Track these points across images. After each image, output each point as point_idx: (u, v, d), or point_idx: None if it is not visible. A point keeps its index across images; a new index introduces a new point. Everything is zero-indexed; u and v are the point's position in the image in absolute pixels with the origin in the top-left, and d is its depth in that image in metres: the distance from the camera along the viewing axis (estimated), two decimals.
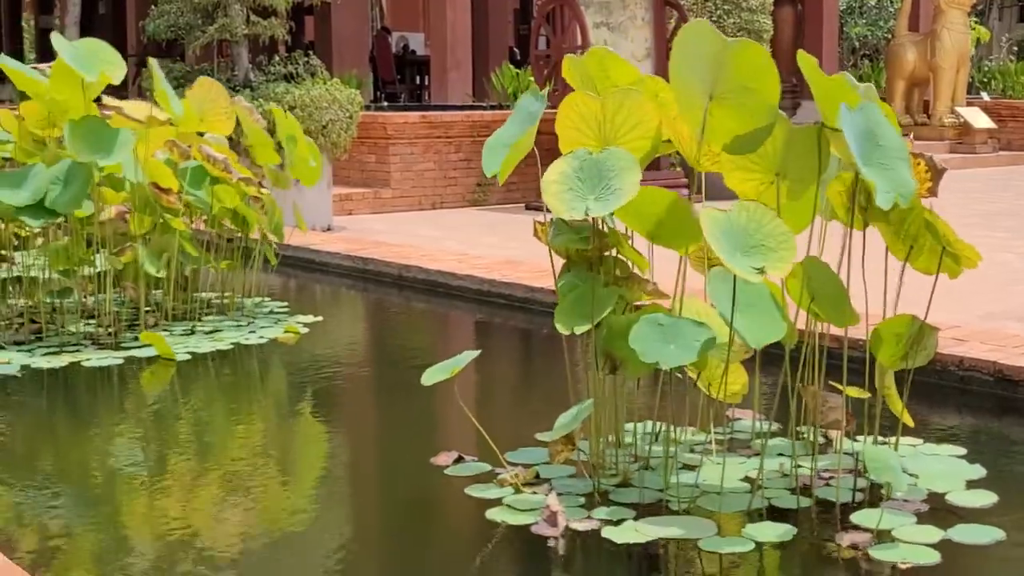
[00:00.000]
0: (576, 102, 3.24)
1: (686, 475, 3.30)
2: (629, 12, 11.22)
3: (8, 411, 4.38)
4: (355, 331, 6.28)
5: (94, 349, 5.11)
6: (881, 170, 2.99)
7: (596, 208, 3.03)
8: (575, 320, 3.18)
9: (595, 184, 3.07)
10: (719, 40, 3.04)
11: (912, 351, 3.26)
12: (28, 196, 5.01)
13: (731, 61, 3.04)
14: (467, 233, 8.91)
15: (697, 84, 3.10)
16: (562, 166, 3.13)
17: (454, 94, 13.50)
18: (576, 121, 3.24)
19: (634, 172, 3.06)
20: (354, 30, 14.54)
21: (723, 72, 3.06)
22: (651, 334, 3.01)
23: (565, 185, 3.09)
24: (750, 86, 3.05)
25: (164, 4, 9.51)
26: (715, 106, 3.10)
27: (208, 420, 4.38)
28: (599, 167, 3.09)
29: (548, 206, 3.10)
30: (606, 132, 3.22)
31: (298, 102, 9.03)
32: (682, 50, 3.13)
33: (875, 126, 3.03)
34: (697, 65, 3.08)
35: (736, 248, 2.93)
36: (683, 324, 3.04)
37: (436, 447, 3.66)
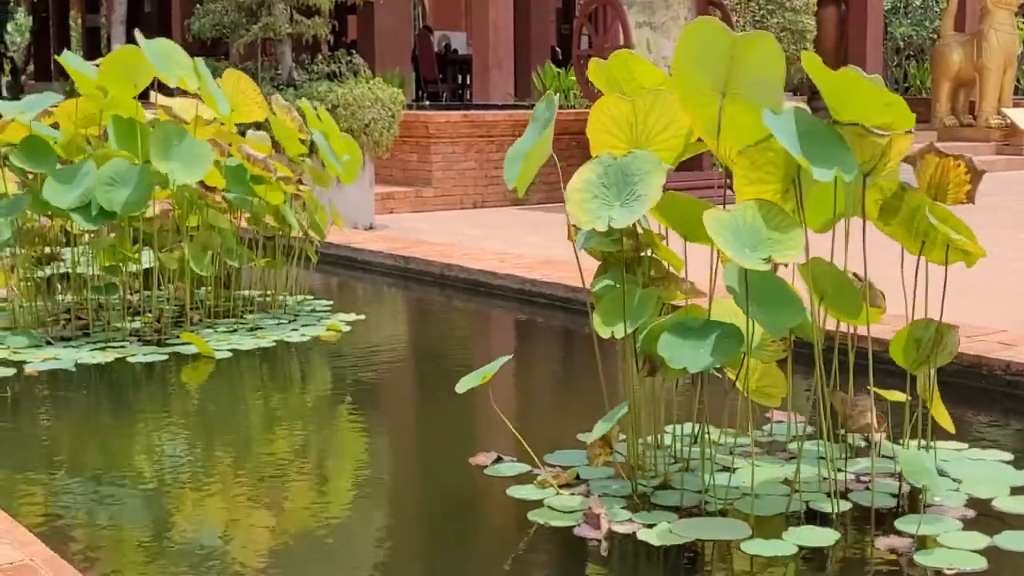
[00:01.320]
0: (607, 105, 3.23)
1: (725, 477, 3.29)
2: (672, 12, 11.18)
3: (56, 406, 4.43)
4: (396, 330, 6.30)
5: (139, 345, 5.16)
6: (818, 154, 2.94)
7: (620, 216, 3.01)
8: (613, 322, 3.17)
9: (620, 190, 3.06)
10: (728, 35, 3.03)
11: (934, 353, 3.23)
12: (77, 197, 5.06)
13: (742, 56, 3.02)
14: (508, 232, 8.91)
15: (707, 81, 3.07)
16: (586, 173, 3.12)
17: (496, 93, 13.51)
18: (608, 124, 3.23)
19: (659, 175, 3.04)
20: (396, 29, 14.58)
21: (735, 67, 3.03)
22: (680, 339, 3.00)
23: (589, 193, 3.08)
24: (762, 78, 3.02)
25: (209, 3, 9.58)
26: (728, 103, 3.07)
27: (249, 417, 4.41)
28: (623, 172, 3.08)
29: (571, 217, 3.09)
30: (638, 134, 3.21)
31: (341, 101, 9.07)
32: (688, 48, 3.10)
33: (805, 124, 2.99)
34: (707, 62, 3.06)
35: (744, 245, 2.92)
36: (712, 326, 3.03)
37: (476, 447, 3.67)
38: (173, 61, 5.16)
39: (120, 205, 5.04)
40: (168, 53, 5.18)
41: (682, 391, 3.84)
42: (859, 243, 3.28)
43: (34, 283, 5.66)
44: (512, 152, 3.34)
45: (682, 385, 3.75)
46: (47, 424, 4.22)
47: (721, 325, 3.04)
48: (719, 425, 3.63)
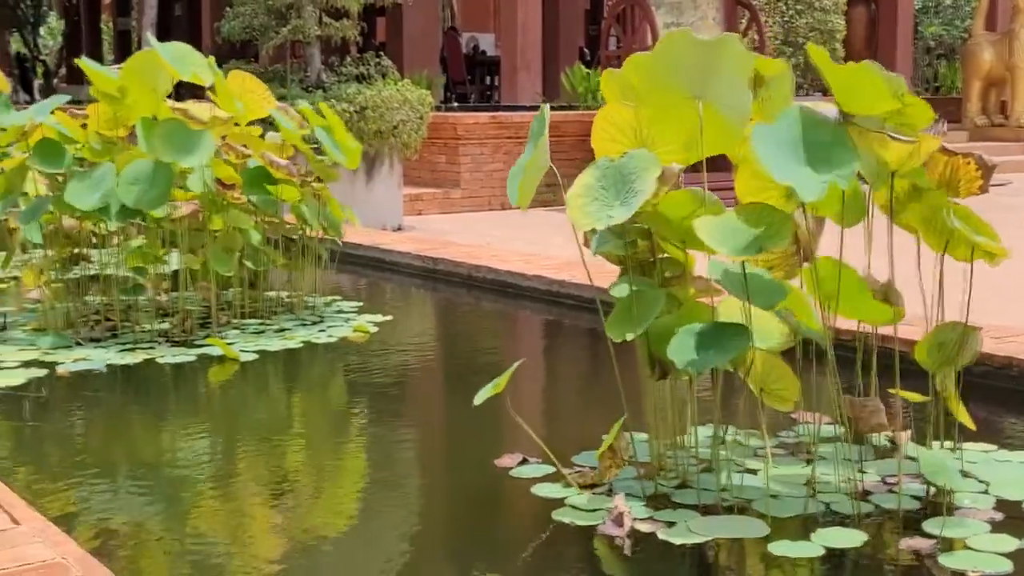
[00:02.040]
0: (610, 112, 3.23)
1: (746, 478, 3.28)
2: (700, 12, 11.16)
3: (86, 406, 4.46)
4: (424, 331, 6.32)
5: (167, 346, 5.19)
6: (800, 171, 2.92)
7: (619, 213, 3.02)
8: (625, 326, 3.17)
9: (619, 189, 3.07)
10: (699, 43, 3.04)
11: (958, 355, 3.21)
12: (98, 198, 5.11)
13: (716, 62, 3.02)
14: (536, 233, 8.92)
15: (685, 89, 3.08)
16: (585, 179, 3.13)
17: (524, 95, 13.53)
18: (611, 132, 3.23)
19: (654, 171, 3.05)
20: (425, 31, 14.62)
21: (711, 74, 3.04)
22: (688, 342, 3.01)
23: (589, 197, 3.09)
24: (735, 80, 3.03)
25: (239, 6, 9.64)
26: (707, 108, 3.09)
27: (275, 417, 4.43)
28: (621, 171, 3.09)
29: (572, 221, 3.10)
30: (643, 139, 3.21)
31: (369, 103, 9.11)
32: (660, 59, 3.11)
33: (802, 128, 2.97)
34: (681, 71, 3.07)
35: (732, 241, 2.93)
36: (719, 327, 3.04)
37: (501, 448, 3.68)
38: (188, 63, 5.20)
39: (141, 202, 5.09)
40: (183, 56, 5.22)
41: (703, 393, 3.84)
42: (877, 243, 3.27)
43: (64, 284, 5.71)
44: (514, 170, 3.35)
45: (703, 387, 3.75)
46: (78, 424, 4.26)
47: (727, 324, 3.04)
48: (742, 427, 3.62)
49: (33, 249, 5.66)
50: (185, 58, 5.21)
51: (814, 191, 2.87)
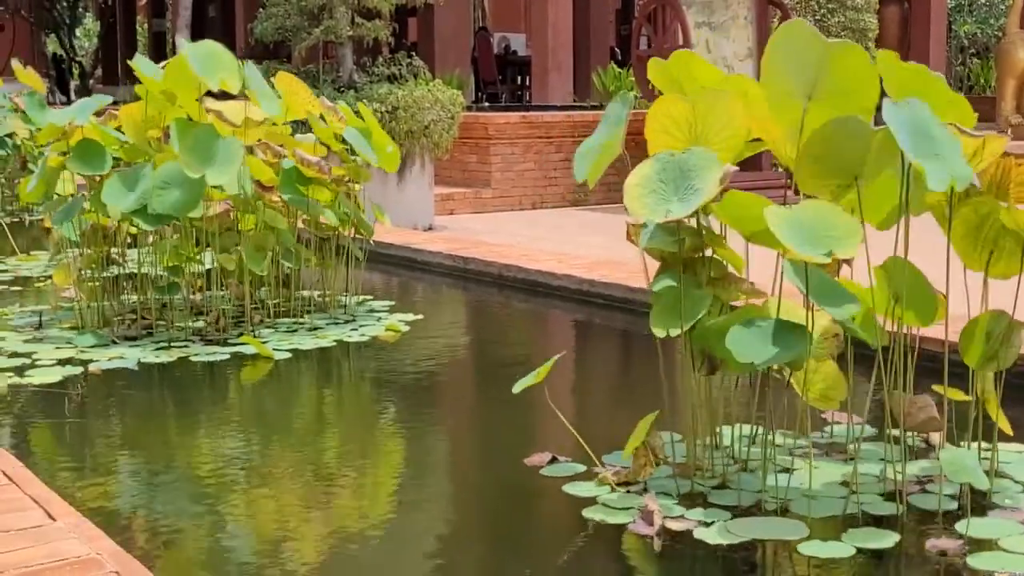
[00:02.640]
0: (666, 105, 3.24)
1: (783, 478, 3.28)
2: (731, 12, 11.13)
3: (121, 404, 4.51)
4: (454, 330, 6.33)
5: (202, 345, 5.23)
6: (934, 159, 2.91)
7: (678, 209, 3.03)
8: (670, 322, 3.18)
9: (678, 185, 3.07)
10: (820, 42, 3.02)
11: (1002, 350, 3.19)
12: (135, 200, 5.14)
13: (832, 64, 3.02)
14: (567, 233, 8.93)
15: (795, 85, 3.08)
16: (644, 169, 3.13)
17: (555, 94, 13.53)
18: (667, 124, 3.24)
19: (715, 169, 3.05)
20: (456, 31, 14.64)
21: (823, 74, 3.03)
22: (747, 335, 3.00)
23: (647, 188, 3.10)
24: (850, 89, 3.02)
25: (272, 7, 9.70)
26: (814, 106, 3.07)
27: (308, 415, 4.46)
28: (681, 167, 3.09)
29: (629, 209, 3.11)
30: (697, 134, 3.21)
31: (401, 103, 9.13)
32: (779, 50, 3.10)
33: (923, 120, 2.96)
34: (796, 66, 3.06)
35: (803, 240, 2.91)
36: (778, 324, 3.03)
37: (532, 447, 3.69)
38: (217, 63, 5.22)
39: (173, 207, 5.13)
40: (212, 55, 5.23)
41: (740, 392, 3.83)
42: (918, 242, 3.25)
43: (99, 283, 5.76)
44: (582, 147, 3.38)
45: (740, 386, 3.74)
46: (112, 422, 4.29)
47: (787, 323, 3.03)
48: (779, 426, 3.61)
49: (68, 248, 5.71)
50: (214, 60, 5.22)
51: (941, 182, 2.85)
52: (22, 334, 5.47)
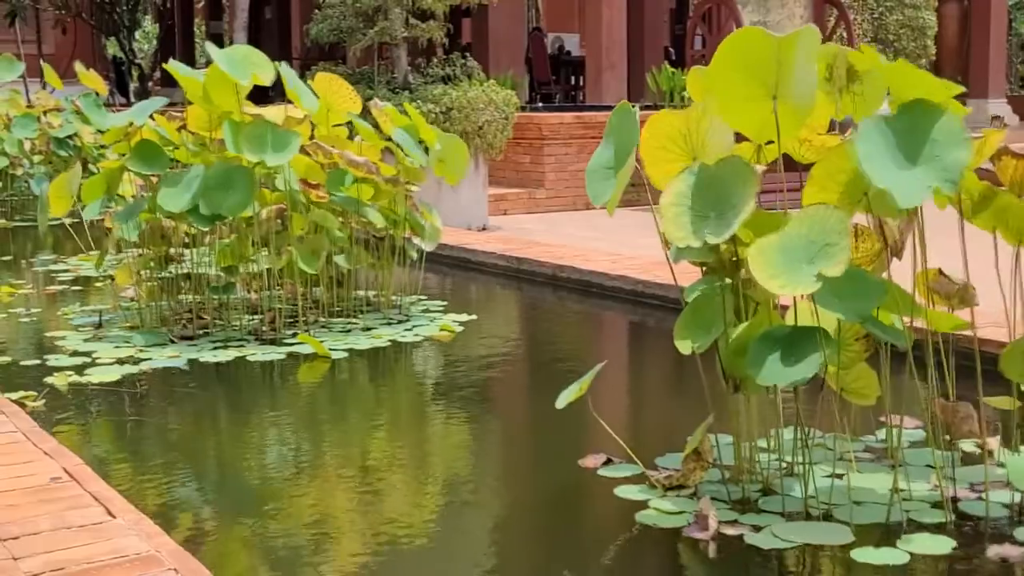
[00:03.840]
0: (659, 121, 3.22)
1: (831, 483, 3.25)
2: (787, 10, 11.06)
3: (178, 403, 4.56)
4: (508, 330, 6.35)
5: (258, 344, 5.28)
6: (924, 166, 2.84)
7: (715, 231, 2.98)
8: (693, 335, 3.15)
9: (713, 201, 3.03)
10: (772, 40, 2.99)
11: None
12: (188, 200, 5.22)
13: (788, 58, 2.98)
14: (621, 233, 8.91)
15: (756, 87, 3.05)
16: (678, 186, 3.09)
17: (609, 94, 13.50)
18: (661, 140, 3.21)
19: (751, 182, 3.00)
20: (510, 31, 14.64)
21: (783, 70, 2.99)
22: (767, 351, 2.96)
23: (683, 206, 3.05)
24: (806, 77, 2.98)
25: (327, 8, 9.76)
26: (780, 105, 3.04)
27: (363, 415, 4.49)
28: (715, 180, 3.05)
29: (666, 234, 3.07)
30: (693, 144, 3.18)
31: (455, 104, 9.16)
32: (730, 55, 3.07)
33: (915, 123, 2.90)
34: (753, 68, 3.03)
35: (799, 261, 2.87)
36: (801, 334, 2.99)
37: (585, 448, 3.69)
38: (248, 63, 5.26)
39: (225, 207, 5.19)
40: (243, 59, 5.28)
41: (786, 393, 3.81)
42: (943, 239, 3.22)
43: (157, 283, 5.83)
44: (592, 166, 3.32)
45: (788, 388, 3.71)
46: (170, 421, 4.35)
47: (806, 333, 2.99)
48: (827, 430, 3.59)
49: (127, 248, 5.79)
50: (245, 61, 5.26)
51: (913, 198, 2.81)
52: (83, 333, 5.55)
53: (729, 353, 3.14)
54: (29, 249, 9.02)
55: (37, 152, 11.14)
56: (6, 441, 3.47)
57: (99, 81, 7.87)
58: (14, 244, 9.26)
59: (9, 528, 2.76)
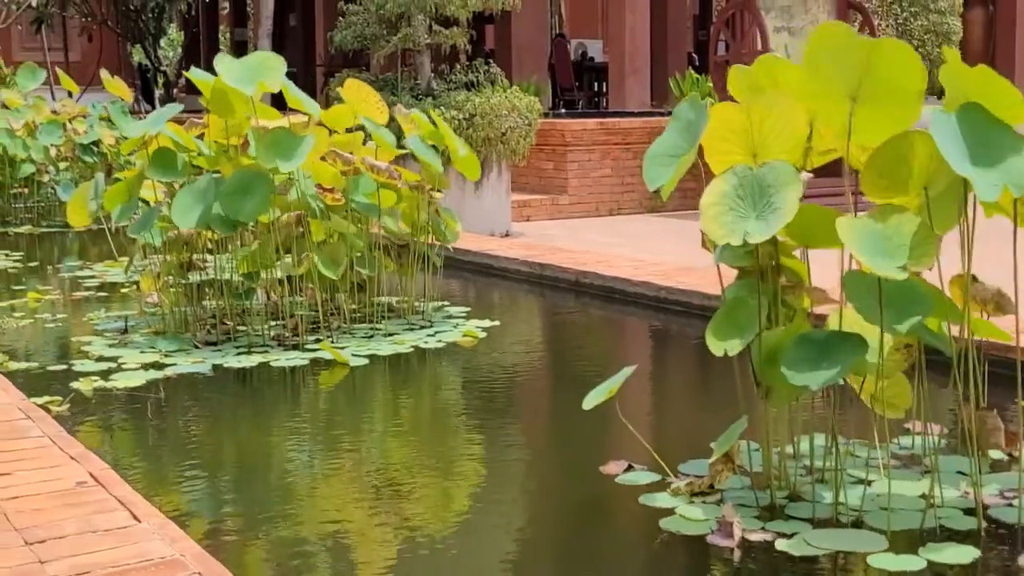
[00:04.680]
0: (722, 113, 3.20)
1: (859, 490, 3.23)
2: (811, 16, 11.02)
3: (203, 408, 4.58)
4: (531, 336, 6.34)
5: (281, 350, 5.29)
6: (988, 167, 2.84)
7: (756, 230, 2.97)
8: (727, 338, 3.14)
9: (756, 201, 3.02)
10: (861, 41, 2.97)
11: None
12: (199, 216, 5.24)
13: (874, 63, 2.96)
14: (644, 239, 8.90)
15: (838, 87, 3.02)
16: (720, 186, 3.09)
17: (632, 100, 13.48)
18: (722, 131, 3.19)
19: (795, 186, 3.00)
20: (533, 38, 14.66)
21: (867, 75, 2.97)
22: (803, 354, 2.95)
23: (724, 206, 3.04)
24: (895, 88, 2.96)
25: (351, 16, 9.79)
26: (860, 109, 3.02)
27: (385, 421, 4.50)
28: (759, 183, 3.04)
29: (706, 232, 3.07)
30: (754, 140, 3.16)
31: (478, 110, 9.17)
32: (819, 52, 3.05)
33: (977, 125, 2.89)
34: (837, 67, 3.01)
35: (877, 251, 2.86)
36: (837, 338, 2.98)
37: (608, 455, 3.68)
38: (263, 68, 5.25)
39: (244, 214, 5.22)
40: (256, 67, 5.27)
41: (816, 400, 3.79)
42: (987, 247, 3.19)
43: (182, 289, 5.85)
44: (654, 151, 3.31)
45: (816, 394, 3.70)
46: (194, 425, 4.37)
47: (844, 337, 2.98)
48: (854, 437, 3.57)
49: (153, 254, 5.82)
50: (261, 67, 5.24)
51: (990, 192, 2.81)
52: (108, 338, 5.58)
53: (762, 359, 3.13)
54: (56, 255, 9.08)
55: (63, 158, 11.22)
56: (33, 446, 3.49)
57: (124, 88, 7.92)
58: (41, 250, 9.32)
59: (35, 532, 2.77)
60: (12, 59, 20.34)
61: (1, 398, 4.07)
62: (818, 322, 3.35)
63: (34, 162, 11.07)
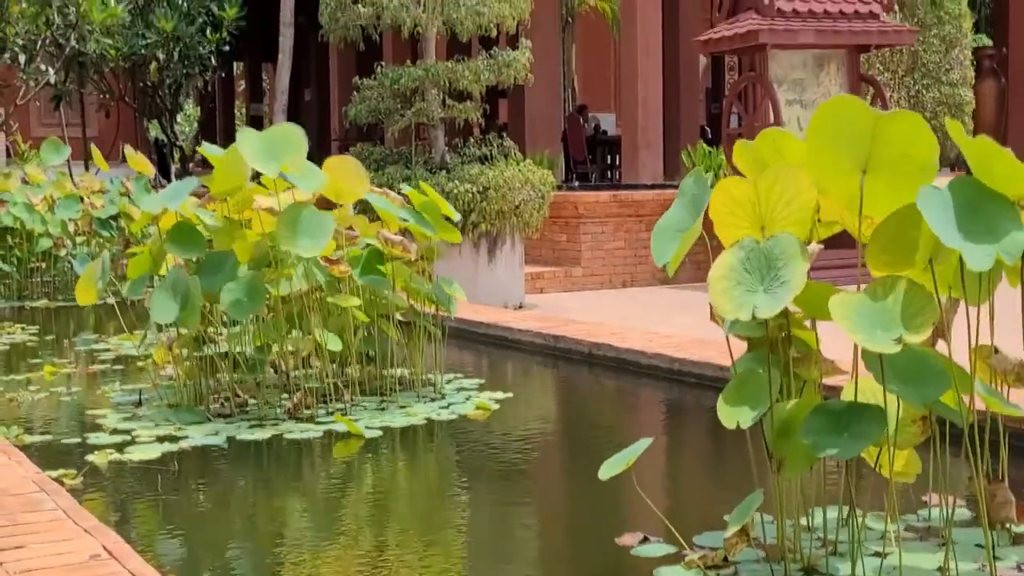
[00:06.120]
0: (728, 185, 3.23)
1: (875, 562, 3.20)
2: (823, 89, 11.11)
3: (216, 480, 4.57)
4: (545, 408, 6.33)
5: (294, 423, 5.29)
6: (979, 237, 2.84)
7: (764, 304, 2.98)
8: (738, 411, 3.13)
9: (763, 275, 3.03)
10: (869, 112, 2.99)
11: None
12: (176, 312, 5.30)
13: (884, 134, 2.98)
14: (658, 311, 8.90)
15: (847, 159, 3.04)
16: (728, 259, 3.10)
17: (645, 173, 13.57)
18: (729, 205, 3.20)
19: (801, 260, 3.01)
20: (546, 111, 14.80)
21: (877, 146, 2.99)
22: (823, 424, 2.94)
23: (733, 280, 3.05)
24: (906, 158, 2.98)
25: (365, 90, 9.91)
26: (870, 180, 3.04)
27: (399, 493, 4.48)
28: (767, 256, 3.05)
29: (715, 306, 3.07)
30: (761, 212, 3.18)
31: (492, 183, 9.24)
32: (826, 125, 3.07)
33: (971, 195, 2.90)
34: (845, 139, 3.03)
35: (873, 325, 2.86)
36: (857, 409, 2.97)
37: (623, 527, 3.66)
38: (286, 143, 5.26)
39: (236, 311, 5.30)
40: (281, 140, 5.28)
41: (829, 472, 3.77)
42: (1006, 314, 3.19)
43: (196, 361, 5.87)
44: (661, 226, 3.34)
45: (828, 465, 3.68)
46: (209, 499, 4.36)
47: (863, 409, 2.97)
48: (869, 508, 3.54)
49: (168, 327, 5.85)
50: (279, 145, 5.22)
51: (983, 261, 2.81)
52: (122, 411, 5.59)
53: (774, 431, 3.12)
54: (72, 328, 9.12)
55: (80, 233, 11.31)
56: (47, 519, 3.49)
57: (146, 163, 8.00)
58: (57, 324, 9.37)
59: None
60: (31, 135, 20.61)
61: (16, 471, 4.07)
62: (829, 393, 3.35)
63: (51, 236, 11.16)
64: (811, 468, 3.24)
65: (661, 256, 3.27)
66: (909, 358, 2.90)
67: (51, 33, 14.21)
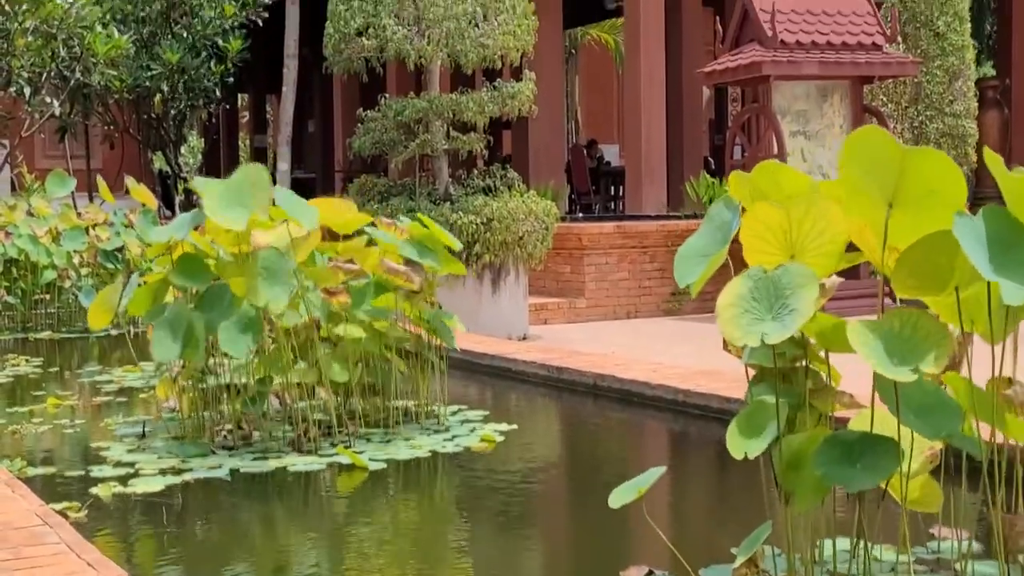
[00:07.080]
0: (760, 212, 3.21)
1: None
2: (827, 120, 11.14)
3: (219, 513, 4.55)
4: (549, 441, 6.31)
5: (297, 455, 5.27)
6: (1015, 270, 2.84)
7: (772, 331, 2.97)
8: (747, 440, 3.11)
9: (772, 303, 3.02)
10: (896, 147, 2.99)
11: None
12: (178, 349, 5.28)
13: (910, 169, 2.98)
14: (662, 343, 8.89)
15: (874, 192, 3.03)
16: (736, 288, 3.09)
17: (648, 204, 13.58)
18: (761, 231, 3.19)
19: (811, 288, 3.00)
20: (550, 143, 14.83)
21: (904, 180, 2.99)
22: (835, 454, 2.93)
23: (740, 308, 3.04)
24: (933, 192, 2.97)
25: (369, 122, 9.94)
26: (897, 213, 3.03)
27: (403, 526, 4.46)
28: (775, 285, 3.05)
29: (723, 333, 3.06)
30: (792, 241, 3.17)
31: (496, 214, 9.25)
32: (854, 157, 3.07)
33: (1005, 228, 2.90)
34: (872, 173, 3.02)
35: (891, 354, 2.85)
36: (871, 440, 2.95)
37: (628, 560, 3.64)
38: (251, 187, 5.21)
39: (232, 348, 5.27)
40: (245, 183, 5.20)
41: (839, 503, 3.74)
42: None
43: (198, 394, 5.85)
44: (686, 250, 3.32)
45: (839, 497, 3.65)
46: (213, 531, 4.34)
47: (877, 440, 2.96)
48: (879, 540, 3.52)
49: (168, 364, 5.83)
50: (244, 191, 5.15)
51: (1017, 295, 2.80)
52: (126, 444, 5.57)
53: (783, 463, 3.10)
54: (76, 361, 9.11)
55: (85, 264, 11.32)
56: (50, 552, 3.47)
57: (149, 195, 8.00)
58: (60, 356, 9.36)
59: None
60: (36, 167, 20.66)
61: (19, 504, 4.06)
62: (838, 424, 3.33)
63: (56, 268, 11.17)
64: (822, 501, 3.22)
65: (685, 278, 3.26)
66: (923, 390, 2.89)
67: (56, 65, 14.27)
